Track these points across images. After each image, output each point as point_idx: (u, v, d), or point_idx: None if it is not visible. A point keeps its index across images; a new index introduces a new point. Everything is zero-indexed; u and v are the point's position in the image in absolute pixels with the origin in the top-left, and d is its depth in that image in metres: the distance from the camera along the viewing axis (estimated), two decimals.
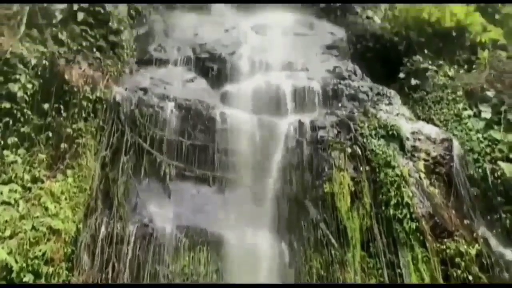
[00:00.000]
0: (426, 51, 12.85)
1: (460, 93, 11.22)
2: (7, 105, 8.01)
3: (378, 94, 10.66)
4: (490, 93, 10.72)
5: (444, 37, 13.35)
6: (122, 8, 11.52)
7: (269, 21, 14.45)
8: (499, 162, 9.38)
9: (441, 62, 12.57)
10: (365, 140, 9.00)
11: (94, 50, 10.03)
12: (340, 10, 15.60)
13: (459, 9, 13.32)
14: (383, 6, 15.62)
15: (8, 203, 7.34)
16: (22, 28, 9.12)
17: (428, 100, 11.41)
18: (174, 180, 8.82)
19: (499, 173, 9.24)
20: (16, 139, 8.00)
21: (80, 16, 10.04)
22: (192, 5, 14.82)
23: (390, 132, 9.21)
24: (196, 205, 8.54)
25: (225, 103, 10.27)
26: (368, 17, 15.25)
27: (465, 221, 8.36)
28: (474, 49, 13.18)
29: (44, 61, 8.67)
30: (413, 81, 11.99)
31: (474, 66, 12.55)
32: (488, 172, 9.35)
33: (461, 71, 12.38)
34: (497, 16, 14.43)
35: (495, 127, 10.14)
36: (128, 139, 8.90)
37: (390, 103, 10.40)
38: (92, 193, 8.15)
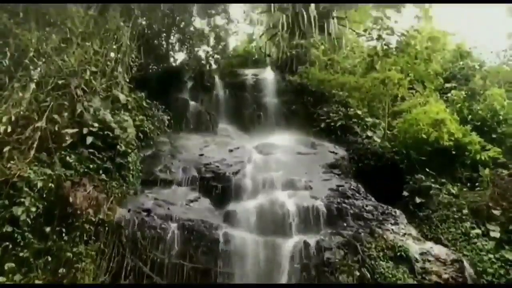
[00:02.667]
0: (427, 169, 13.05)
1: (465, 211, 11.14)
2: (8, 229, 7.92)
3: (383, 213, 10.55)
4: (497, 212, 10.62)
5: (444, 155, 13.66)
6: (131, 130, 11.97)
7: (272, 141, 14.97)
8: None
9: (443, 180, 12.70)
10: (373, 262, 8.70)
11: (101, 172, 10.21)
12: (340, 130, 16.19)
13: (456, 129, 13.83)
14: (382, 125, 16.29)
15: None
16: (32, 152, 9.40)
17: (434, 218, 11.30)
18: None
19: None
20: (13, 264, 7.77)
21: (89, 139, 10.42)
22: (198, 125, 15.54)
23: (399, 254, 8.94)
24: None
25: (228, 223, 10.14)
26: (368, 137, 15.77)
27: None
28: (475, 167, 13.39)
29: (50, 184, 8.78)
30: (418, 200, 12.00)
31: (477, 184, 12.64)
32: None
33: (465, 189, 12.45)
34: (494, 135, 14.89)
35: (506, 247, 9.87)
36: (129, 262, 8.65)
37: (396, 223, 10.23)
38: None
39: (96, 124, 10.73)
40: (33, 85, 10.03)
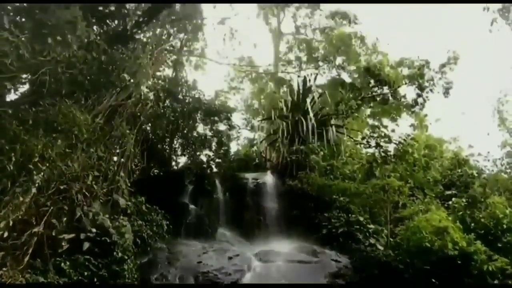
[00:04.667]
0: (433, 279, 12.55)
1: None
2: None
3: None
4: None
5: (449, 265, 13.22)
6: (128, 236, 11.74)
7: (273, 248, 14.64)
8: None
9: None
10: None
11: (95, 279, 9.84)
12: (342, 237, 15.90)
13: (460, 237, 13.56)
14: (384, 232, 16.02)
15: None
16: (26, 258, 9.13)
17: None
18: None
19: None
20: None
21: (86, 245, 10.20)
22: (197, 230, 15.30)
23: None
24: None
25: None
26: (371, 244, 15.44)
27: None
28: (483, 278, 12.89)
29: None
30: None
31: None
32: None
33: None
34: (499, 244, 14.56)
35: None
36: None
37: None
38: None
39: (94, 230, 10.60)
40: (34, 189, 10.03)
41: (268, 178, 21.04)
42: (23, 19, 11.14)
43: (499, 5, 23.17)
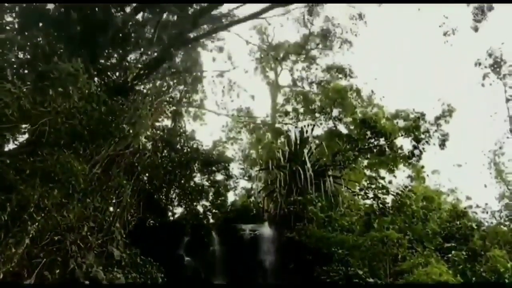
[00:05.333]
0: None
1: None
2: None
3: None
4: None
5: None
6: None
7: None
8: None
9: None
10: None
11: None
12: None
13: None
14: None
15: None
16: None
17: None
18: None
19: None
20: None
21: None
22: (192, 283, 14.90)
23: None
24: None
25: None
26: None
27: None
28: None
29: None
30: None
31: None
32: None
33: None
34: None
35: None
36: None
37: None
38: None
39: (87, 282, 10.35)
40: (27, 240, 9.89)
41: (266, 230, 20.77)
42: (26, 71, 11.44)
43: (490, 61, 23.99)
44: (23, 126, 11.35)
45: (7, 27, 13.72)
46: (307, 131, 25.94)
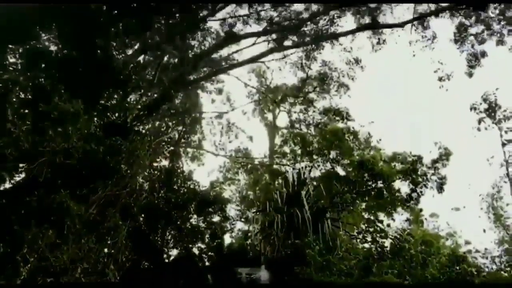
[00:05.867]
0: None
1: None
2: None
3: None
4: None
5: None
6: None
7: None
8: None
9: None
10: None
11: None
12: None
13: None
14: None
15: None
16: None
17: None
18: None
19: None
20: None
21: None
22: None
23: None
24: None
25: None
26: None
27: None
28: None
29: None
30: None
31: None
32: None
33: None
34: None
35: None
36: None
37: None
38: None
39: None
40: (18, 282, 9.68)
41: (263, 274, 20.32)
42: (26, 111, 11.54)
43: (485, 105, 24.42)
44: (20, 165, 11.34)
45: (10, 68, 13.98)
46: (304, 173, 25.91)
